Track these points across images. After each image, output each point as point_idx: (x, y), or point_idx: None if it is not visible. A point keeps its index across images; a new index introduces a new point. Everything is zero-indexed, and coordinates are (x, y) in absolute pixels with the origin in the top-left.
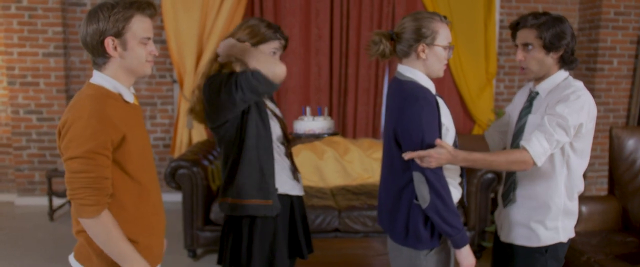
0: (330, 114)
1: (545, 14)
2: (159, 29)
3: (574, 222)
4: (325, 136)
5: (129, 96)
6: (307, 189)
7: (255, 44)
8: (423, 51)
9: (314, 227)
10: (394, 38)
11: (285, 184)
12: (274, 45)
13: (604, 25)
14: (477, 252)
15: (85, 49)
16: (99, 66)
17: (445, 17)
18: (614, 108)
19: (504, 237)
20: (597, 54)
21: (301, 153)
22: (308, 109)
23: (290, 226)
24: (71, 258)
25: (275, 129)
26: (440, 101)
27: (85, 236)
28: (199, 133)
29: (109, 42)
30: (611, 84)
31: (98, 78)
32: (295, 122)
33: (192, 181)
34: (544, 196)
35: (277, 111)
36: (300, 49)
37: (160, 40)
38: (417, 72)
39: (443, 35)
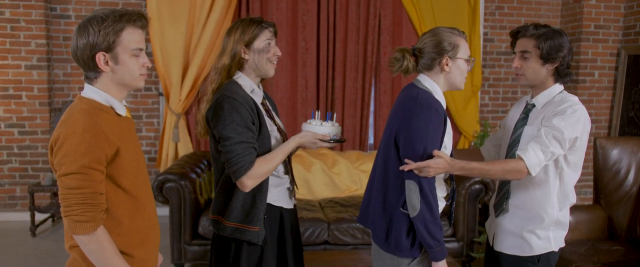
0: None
1: (546, 26)
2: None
3: (565, 232)
4: (332, 141)
5: (122, 109)
6: (296, 201)
7: (249, 43)
8: (447, 64)
9: (303, 240)
10: (416, 53)
11: (278, 200)
12: (265, 36)
13: (585, 38)
14: (467, 262)
15: (77, 63)
16: (90, 80)
17: (463, 32)
18: (596, 119)
19: (496, 247)
20: (579, 66)
21: None
22: (318, 114)
23: (279, 238)
24: None
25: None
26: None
27: (78, 251)
28: (185, 146)
29: (100, 57)
30: (593, 96)
31: (89, 91)
32: (303, 125)
33: (180, 195)
34: (537, 206)
35: (283, 127)
36: (288, 61)
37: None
38: (435, 85)
39: (463, 48)
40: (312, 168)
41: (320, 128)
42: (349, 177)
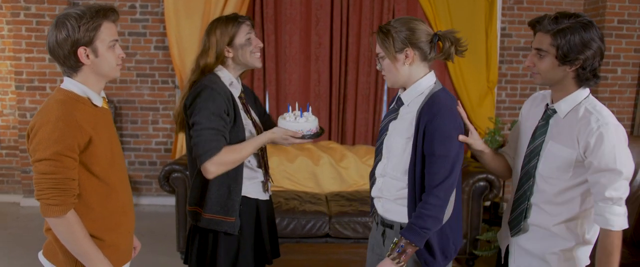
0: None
1: (570, 16)
2: (162, 35)
3: (590, 248)
4: (307, 137)
5: (98, 100)
6: (302, 194)
7: (230, 42)
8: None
9: (304, 233)
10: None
11: (254, 192)
12: (244, 31)
13: (608, 34)
14: (470, 260)
15: (53, 57)
16: (69, 73)
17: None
18: (618, 117)
19: (512, 266)
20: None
21: (297, 159)
22: (296, 106)
23: (255, 229)
24: (40, 255)
25: None
26: (405, 109)
27: (53, 234)
28: None
29: (82, 52)
30: (615, 93)
31: (68, 83)
32: (279, 119)
33: (186, 185)
34: (562, 227)
35: (258, 121)
36: (300, 56)
37: (162, 46)
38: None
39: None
40: (320, 162)
41: (292, 124)
42: (357, 171)
